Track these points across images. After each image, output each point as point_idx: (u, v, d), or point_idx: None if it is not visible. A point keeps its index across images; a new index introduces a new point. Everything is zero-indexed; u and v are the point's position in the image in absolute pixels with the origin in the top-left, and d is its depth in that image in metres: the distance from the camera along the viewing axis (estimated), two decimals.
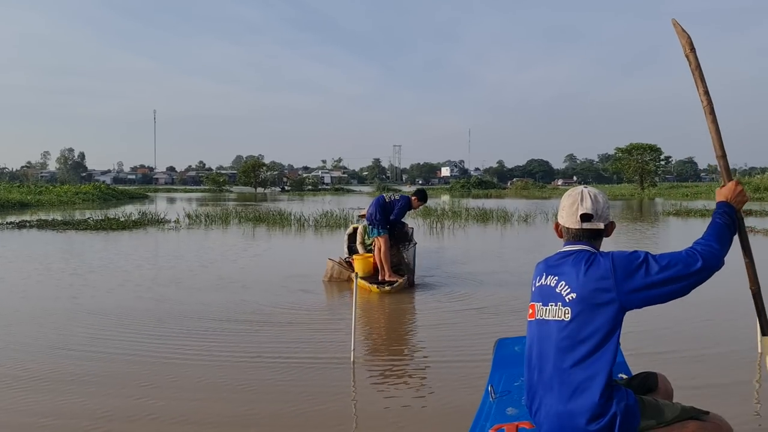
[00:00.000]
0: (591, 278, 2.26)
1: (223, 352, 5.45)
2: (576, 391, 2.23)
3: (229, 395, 4.34)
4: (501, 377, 2.98)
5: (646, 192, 58.65)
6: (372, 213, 8.86)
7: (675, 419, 2.30)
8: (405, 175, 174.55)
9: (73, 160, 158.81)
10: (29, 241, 14.86)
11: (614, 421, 2.19)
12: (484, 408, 2.76)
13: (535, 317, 2.41)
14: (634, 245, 14.25)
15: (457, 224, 20.05)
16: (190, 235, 16.57)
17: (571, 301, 2.27)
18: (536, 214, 23.72)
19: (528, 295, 2.52)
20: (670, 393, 2.63)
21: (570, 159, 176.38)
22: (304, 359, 5.21)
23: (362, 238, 9.86)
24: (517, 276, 9.61)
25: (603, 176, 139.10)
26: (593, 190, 2.48)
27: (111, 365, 5.01)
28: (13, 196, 33.35)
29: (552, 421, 2.28)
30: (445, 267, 10.76)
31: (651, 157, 63.64)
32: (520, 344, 3.09)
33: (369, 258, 9.09)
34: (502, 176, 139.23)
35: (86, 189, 43.29)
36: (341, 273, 9.27)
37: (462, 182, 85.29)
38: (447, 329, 6.43)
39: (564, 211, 2.47)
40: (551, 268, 2.41)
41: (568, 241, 2.46)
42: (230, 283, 9.00)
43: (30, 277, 9.42)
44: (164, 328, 6.34)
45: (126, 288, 8.59)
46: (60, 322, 6.51)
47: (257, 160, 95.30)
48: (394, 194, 9.27)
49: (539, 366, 2.35)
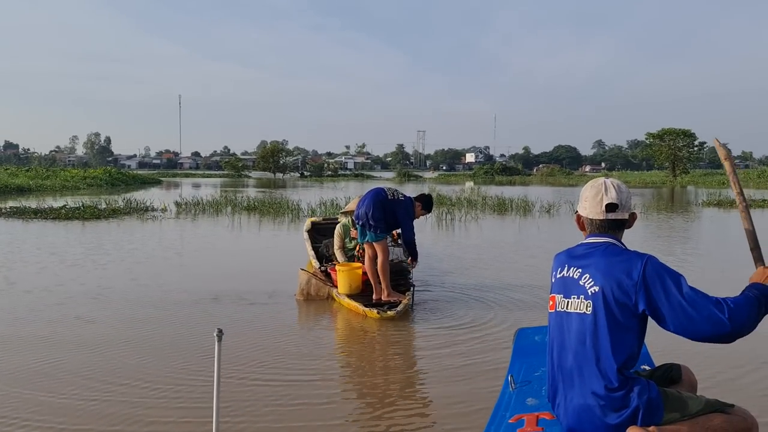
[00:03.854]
0: (617, 274, 2.19)
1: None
2: (597, 384, 2.19)
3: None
4: (521, 367, 2.95)
5: (678, 179, 56.63)
6: (367, 210, 6.45)
7: (699, 412, 2.21)
8: (429, 161, 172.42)
9: (100, 144, 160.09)
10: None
11: (637, 413, 2.15)
12: (503, 398, 2.71)
13: (556, 309, 2.37)
14: (666, 247, 12.37)
15: (470, 216, 18.01)
16: (161, 226, 15.02)
17: (594, 294, 2.22)
18: (560, 204, 21.64)
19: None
20: (694, 385, 2.57)
21: (598, 145, 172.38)
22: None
23: (342, 241, 7.74)
24: (537, 293, 7.40)
25: (632, 163, 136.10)
26: (615, 181, 2.41)
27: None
28: (17, 180, 32.26)
29: (573, 413, 2.25)
30: (450, 275, 8.68)
31: (684, 142, 61.42)
32: (540, 334, 3.15)
33: (356, 269, 6.92)
34: (528, 162, 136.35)
35: (95, 173, 42.08)
36: (320, 289, 7.02)
37: (485, 168, 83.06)
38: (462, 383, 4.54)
39: (587, 203, 2.39)
40: (574, 260, 2.35)
41: (592, 233, 2.39)
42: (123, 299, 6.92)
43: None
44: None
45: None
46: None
47: (276, 145, 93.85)
48: (396, 191, 6.72)
49: (560, 358, 2.32)
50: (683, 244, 12.58)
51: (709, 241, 13.63)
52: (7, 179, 31.59)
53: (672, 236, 13.83)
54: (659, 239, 13.12)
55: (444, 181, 60.25)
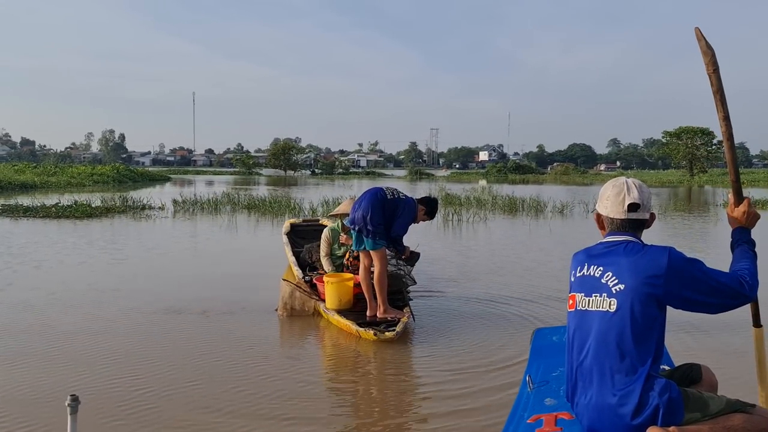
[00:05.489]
0: (642, 271, 2.19)
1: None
2: (617, 384, 2.17)
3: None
4: (539, 367, 2.91)
5: (695, 179, 55.46)
6: (364, 214, 5.57)
7: (720, 412, 2.17)
8: (442, 159, 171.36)
9: (114, 141, 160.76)
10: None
11: (657, 413, 2.13)
12: (521, 398, 2.67)
13: (576, 308, 2.34)
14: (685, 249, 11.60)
15: (478, 216, 17.21)
16: (153, 225, 14.45)
17: (618, 292, 2.21)
18: (574, 204, 20.84)
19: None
20: (715, 385, 2.51)
21: (613, 144, 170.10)
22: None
23: (329, 247, 6.91)
24: (551, 306, 6.71)
25: (647, 161, 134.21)
26: (636, 181, 2.40)
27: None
28: (22, 177, 31.92)
29: (592, 412, 2.22)
30: (454, 284, 7.84)
31: (702, 141, 60.09)
32: (558, 334, 3.17)
33: (346, 280, 6.07)
34: (542, 161, 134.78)
35: (103, 170, 41.73)
36: (305, 303, 6.18)
37: (498, 167, 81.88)
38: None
39: (609, 201, 2.39)
40: (594, 258, 2.34)
41: (612, 231, 2.39)
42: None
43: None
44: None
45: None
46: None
47: (287, 142, 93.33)
48: (397, 190, 5.86)
49: (580, 357, 2.29)
50: (703, 247, 11.80)
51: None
52: (11, 176, 31.27)
53: (690, 235, 13.05)
54: (676, 238, 12.34)
55: (456, 180, 59.45)
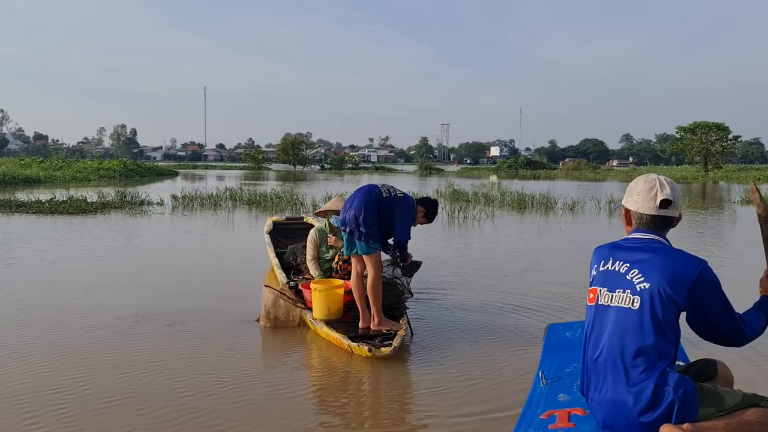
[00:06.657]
0: (671, 273, 2.19)
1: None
2: (633, 379, 2.16)
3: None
4: (552, 363, 2.87)
5: (710, 175, 54.55)
6: (357, 214, 4.94)
7: (736, 407, 2.17)
8: (453, 154, 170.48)
9: (126, 136, 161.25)
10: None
11: (672, 408, 2.12)
12: (535, 394, 2.65)
13: (597, 302, 2.33)
14: (699, 248, 11.02)
15: (485, 213, 16.57)
16: (148, 221, 14.02)
17: (643, 290, 2.20)
18: (585, 201, 20.20)
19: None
20: (731, 381, 2.49)
21: (626, 139, 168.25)
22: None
23: (316, 250, 6.29)
24: (561, 317, 6.24)
25: (661, 157, 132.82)
26: (667, 178, 2.37)
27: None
28: (28, 171, 31.63)
29: (607, 407, 2.22)
30: (456, 290, 7.14)
31: (717, 136, 59.15)
32: (571, 330, 3.17)
33: (336, 287, 5.39)
34: (554, 156, 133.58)
35: (110, 165, 41.55)
36: (290, 312, 5.48)
37: (509, 162, 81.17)
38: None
39: (639, 197, 2.36)
40: (620, 254, 2.31)
41: (639, 228, 2.37)
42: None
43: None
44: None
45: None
46: None
47: (297, 137, 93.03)
48: (393, 188, 5.20)
49: (596, 351, 2.28)
50: (717, 246, 11.21)
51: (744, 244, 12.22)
52: (17, 170, 31.00)
53: (705, 234, 12.45)
54: (693, 238, 11.76)
55: (466, 175, 58.80)
